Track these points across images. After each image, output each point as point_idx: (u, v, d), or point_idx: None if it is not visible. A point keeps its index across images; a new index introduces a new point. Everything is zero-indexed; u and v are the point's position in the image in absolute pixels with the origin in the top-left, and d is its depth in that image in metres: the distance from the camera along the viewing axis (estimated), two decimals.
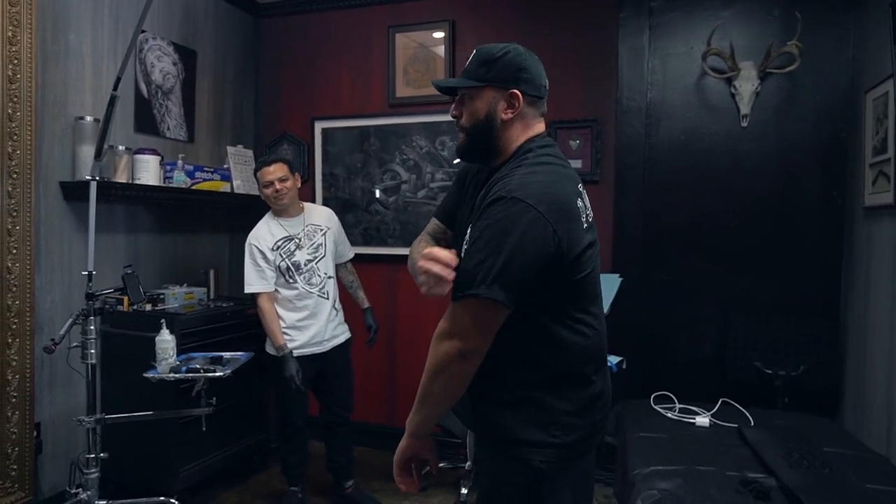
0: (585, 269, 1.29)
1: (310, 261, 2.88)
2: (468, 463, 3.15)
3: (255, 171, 2.91)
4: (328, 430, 3.02)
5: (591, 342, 1.33)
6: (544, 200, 1.19)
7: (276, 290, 2.84)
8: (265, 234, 2.85)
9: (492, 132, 1.34)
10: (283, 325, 2.83)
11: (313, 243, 2.92)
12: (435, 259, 1.24)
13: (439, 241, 1.54)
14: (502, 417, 1.33)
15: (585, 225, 1.29)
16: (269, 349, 2.86)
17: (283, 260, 2.82)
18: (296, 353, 2.80)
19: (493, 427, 1.35)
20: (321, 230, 2.96)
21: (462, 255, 1.26)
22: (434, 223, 1.60)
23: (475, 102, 1.34)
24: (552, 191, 1.23)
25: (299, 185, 2.97)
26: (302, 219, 2.94)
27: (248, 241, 2.85)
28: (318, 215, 3.02)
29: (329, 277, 2.94)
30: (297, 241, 2.87)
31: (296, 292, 2.83)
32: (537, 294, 1.23)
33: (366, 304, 3.15)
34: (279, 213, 2.90)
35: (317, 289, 2.88)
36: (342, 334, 2.99)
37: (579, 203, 1.29)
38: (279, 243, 2.84)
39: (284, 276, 2.83)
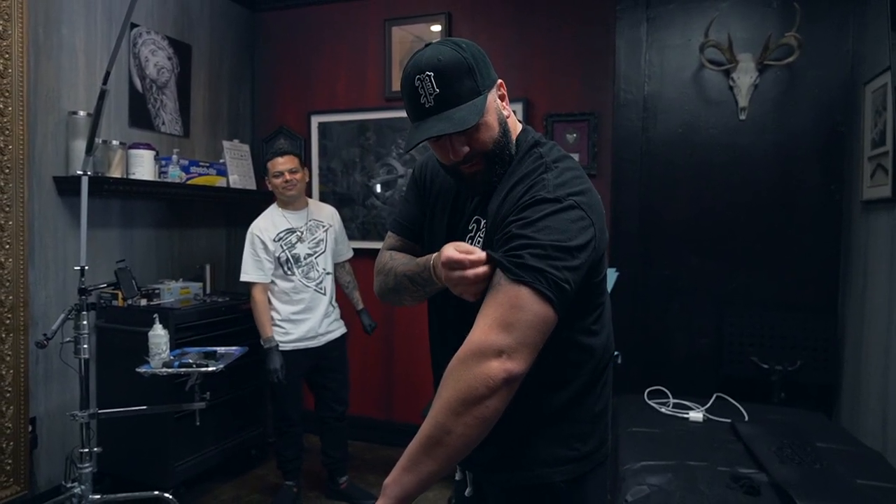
0: (604, 270, 1.20)
1: (309, 255, 2.90)
2: (468, 489, 3.11)
3: (266, 160, 2.94)
4: (323, 425, 3.03)
5: (607, 342, 1.24)
6: (584, 197, 1.09)
7: (272, 281, 2.86)
8: (268, 224, 2.87)
9: (508, 139, 1.16)
10: (277, 317, 2.85)
11: (315, 238, 2.94)
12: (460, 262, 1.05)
13: None
14: (521, 443, 1.19)
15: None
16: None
17: (284, 251, 2.85)
18: (290, 346, 2.82)
19: (508, 455, 1.19)
20: (323, 226, 2.99)
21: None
22: (397, 240, 1.34)
23: (486, 119, 1.11)
24: (587, 188, 1.12)
25: (307, 181, 3.00)
26: (306, 213, 2.97)
27: (250, 230, 2.87)
28: (322, 212, 3.06)
29: (328, 273, 2.96)
30: (298, 233, 2.90)
31: (292, 285, 2.85)
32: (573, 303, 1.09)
33: (360, 306, 3.17)
34: (284, 205, 2.93)
35: (314, 283, 2.90)
36: (337, 329, 3.01)
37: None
38: (281, 234, 2.86)
39: (283, 268, 2.85)
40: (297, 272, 2.86)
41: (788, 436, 2.12)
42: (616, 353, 2.86)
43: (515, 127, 1.23)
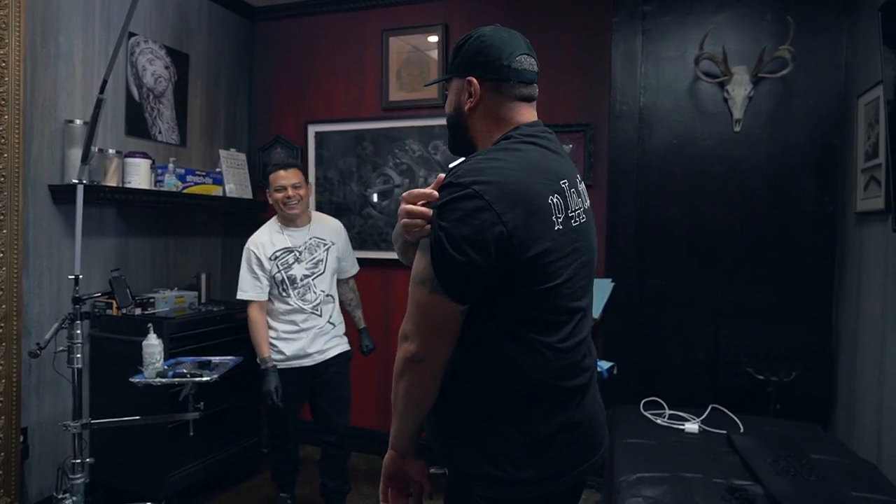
0: (552, 280, 1.13)
1: (307, 276, 2.77)
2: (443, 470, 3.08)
3: (268, 173, 2.81)
4: (323, 450, 2.90)
5: (555, 366, 1.17)
6: (494, 187, 1.07)
7: (269, 299, 2.77)
8: (265, 241, 2.75)
9: (460, 123, 1.32)
10: (272, 334, 2.75)
11: (313, 258, 2.80)
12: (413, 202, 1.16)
13: None
14: (453, 440, 1.22)
15: (559, 227, 1.13)
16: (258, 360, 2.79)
17: (280, 271, 2.73)
18: (282, 365, 2.72)
19: (445, 449, 1.24)
20: (324, 245, 2.85)
21: None
22: None
23: (449, 95, 1.34)
24: (509, 179, 1.09)
25: (310, 196, 2.86)
26: (307, 231, 2.82)
27: (247, 245, 2.77)
28: (325, 228, 2.90)
29: (326, 296, 2.82)
30: (296, 253, 2.76)
31: (288, 307, 2.75)
32: (485, 299, 1.12)
33: (362, 325, 3.06)
34: (285, 222, 2.80)
35: (310, 305, 2.77)
36: (336, 347, 2.85)
37: (552, 199, 1.13)
38: (277, 254, 2.74)
39: (278, 289, 2.74)
40: (292, 294, 2.74)
41: (784, 448, 2.12)
42: (611, 363, 2.87)
43: (483, 124, 1.28)
